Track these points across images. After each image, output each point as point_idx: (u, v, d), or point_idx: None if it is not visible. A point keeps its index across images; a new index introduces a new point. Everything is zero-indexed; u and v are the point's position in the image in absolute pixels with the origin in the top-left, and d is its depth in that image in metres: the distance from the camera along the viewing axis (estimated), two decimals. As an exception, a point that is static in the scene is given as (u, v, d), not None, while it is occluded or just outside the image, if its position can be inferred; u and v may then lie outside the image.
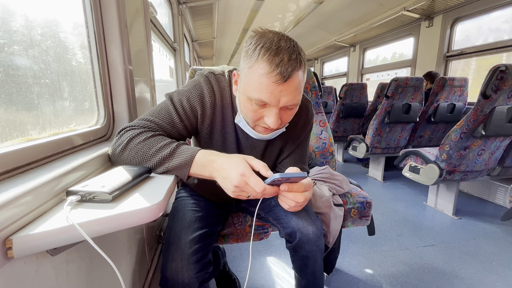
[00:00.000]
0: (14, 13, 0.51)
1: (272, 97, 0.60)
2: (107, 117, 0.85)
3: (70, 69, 0.70)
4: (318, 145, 1.44)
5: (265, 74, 0.58)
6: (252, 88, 0.61)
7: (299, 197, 0.61)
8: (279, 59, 0.57)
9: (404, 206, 2.32)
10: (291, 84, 0.59)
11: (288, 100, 0.61)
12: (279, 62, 0.57)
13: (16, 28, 0.51)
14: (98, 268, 0.63)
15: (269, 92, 0.59)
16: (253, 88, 0.61)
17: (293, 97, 0.62)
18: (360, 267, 1.48)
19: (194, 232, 0.76)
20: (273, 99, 0.60)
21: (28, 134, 0.53)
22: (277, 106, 0.62)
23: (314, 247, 0.82)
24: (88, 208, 0.44)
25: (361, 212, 1.13)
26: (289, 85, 0.59)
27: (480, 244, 1.72)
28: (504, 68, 1.52)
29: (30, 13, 0.56)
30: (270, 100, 0.60)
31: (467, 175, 1.98)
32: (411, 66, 3.80)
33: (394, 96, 2.54)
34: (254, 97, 0.61)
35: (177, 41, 2.89)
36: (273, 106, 0.62)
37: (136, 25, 1.02)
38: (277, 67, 0.57)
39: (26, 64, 0.53)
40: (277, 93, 0.59)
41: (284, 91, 0.60)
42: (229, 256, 1.56)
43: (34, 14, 0.57)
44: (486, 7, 2.75)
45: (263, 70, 0.58)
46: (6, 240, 0.35)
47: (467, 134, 1.74)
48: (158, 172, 0.62)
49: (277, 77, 0.57)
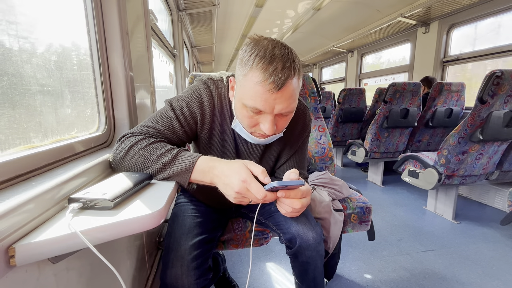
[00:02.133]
0: (19, 20, 0.52)
1: (266, 105, 0.61)
2: (108, 124, 0.86)
3: (72, 76, 0.71)
4: (317, 150, 1.44)
5: (259, 82, 0.59)
6: (247, 96, 0.62)
7: (296, 203, 0.61)
8: (272, 68, 0.58)
9: (403, 210, 2.32)
10: (285, 92, 0.60)
11: (283, 107, 0.62)
12: (272, 70, 0.58)
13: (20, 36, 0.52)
14: (98, 275, 0.62)
15: (264, 100, 0.60)
16: (248, 96, 0.62)
17: (288, 105, 0.62)
18: (360, 273, 1.47)
19: (194, 238, 0.76)
20: (268, 107, 0.61)
21: (31, 142, 0.53)
22: (271, 114, 0.63)
23: (314, 252, 0.82)
24: (89, 215, 0.44)
25: (361, 217, 1.13)
26: (283, 93, 0.60)
27: (480, 249, 1.72)
28: (500, 74, 1.54)
29: (34, 21, 0.57)
30: (264, 107, 0.61)
31: (466, 179, 1.98)
32: (409, 71, 3.84)
33: (392, 101, 2.56)
34: (249, 104, 0.62)
35: (177, 47, 2.91)
36: (268, 113, 0.63)
37: (137, 32, 1.03)
38: (270, 76, 0.58)
39: (29, 72, 0.54)
40: (271, 101, 0.60)
41: (278, 99, 0.60)
42: (229, 262, 1.55)
43: (38, 22, 0.58)
44: (481, 13, 2.80)
45: (257, 78, 0.59)
46: (8, 248, 0.35)
47: (465, 139, 1.75)
48: (159, 178, 0.62)
49: (271, 85, 0.58)
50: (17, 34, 0.51)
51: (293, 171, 0.62)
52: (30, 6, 0.56)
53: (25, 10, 0.54)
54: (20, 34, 0.52)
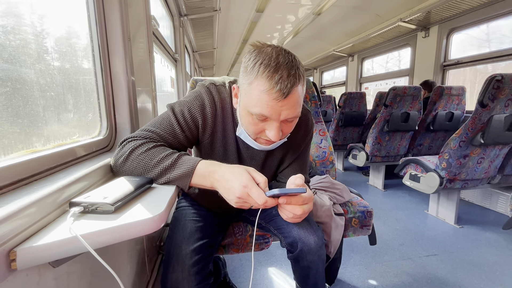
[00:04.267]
0: (23, 28, 0.53)
1: (272, 112, 0.61)
2: (109, 128, 0.86)
3: (75, 81, 0.72)
4: (318, 154, 1.45)
5: (265, 91, 0.59)
6: (253, 104, 0.62)
7: (297, 209, 0.61)
8: (278, 76, 0.58)
9: (405, 215, 2.31)
10: (291, 100, 0.61)
11: (289, 113, 0.62)
12: (278, 79, 0.58)
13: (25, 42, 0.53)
14: (99, 280, 0.62)
15: (270, 107, 0.60)
16: (253, 104, 0.62)
17: (294, 110, 0.63)
18: (362, 278, 1.46)
19: (195, 242, 0.76)
20: (274, 114, 0.61)
21: (33, 146, 0.54)
22: (278, 120, 0.63)
23: (316, 257, 0.82)
24: (90, 219, 0.44)
25: (362, 222, 1.13)
26: (289, 101, 0.61)
27: (483, 254, 1.70)
28: (500, 78, 1.54)
29: (38, 26, 0.57)
30: (271, 114, 0.62)
31: (468, 183, 1.98)
32: (409, 75, 3.85)
33: (393, 105, 2.56)
34: (256, 111, 0.62)
35: (178, 52, 2.94)
36: (274, 120, 0.63)
37: (138, 38, 1.04)
38: (276, 84, 0.58)
39: (33, 78, 0.55)
40: (278, 108, 0.61)
41: (285, 106, 0.61)
42: (230, 266, 1.54)
43: (42, 27, 0.59)
44: (481, 18, 2.82)
45: (263, 87, 0.59)
46: (10, 252, 0.36)
47: (466, 143, 1.75)
48: (159, 182, 0.62)
49: (277, 93, 0.59)
50: (22, 37, 0.52)
51: (298, 177, 0.62)
52: (33, 10, 0.57)
53: (30, 16, 0.55)
54: (24, 37, 0.53)
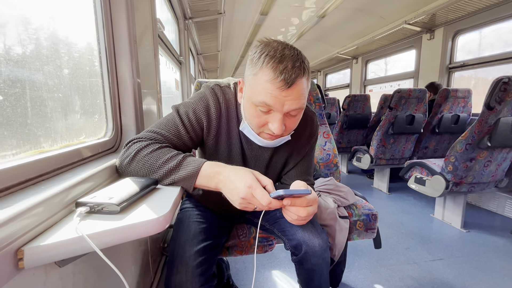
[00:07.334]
0: (34, 32, 0.54)
1: (276, 101, 0.61)
2: (115, 130, 0.87)
3: (82, 83, 0.73)
4: (322, 157, 1.44)
5: (269, 80, 0.60)
6: (257, 93, 0.63)
7: (302, 211, 0.61)
8: (283, 66, 0.59)
9: (410, 218, 2.28)
10: (295, 90, 0.61)
11: (292, 104, 0.62)
12: (283, 69, 0.59)
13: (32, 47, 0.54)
14: (103, 280, 0.63)
15: (274, 96, 0.61)
16: (257, 93, 0.63)
17: (297, 102, 0.63)
18: (367, 282, 1.44)
19: (199, 244, 0.76)
20: (277, 103, 0.62)
21: (41, 147, 0.55)
22: (281, 111, 0.63)
23: (320, 260, 0.81)
24: (96, 219, 0.44)
25: (366, 225, 1.12)
26: (293, 91, 0.61)
27: (490, 258, 1.67)
28: (507, 80, 1.53)
29: (46, 29, 0.58)
30: (274, 103, 0.62)
31: (474, 186, 1.95)
32: (414, 77, 3.82)
33: (397, 107, 2.54)
34: (259, 100, 0.62)
35: (183, 55, 2.96)
36: (277, 112, 0.63)
37: (144, 40, 1.06)
38: (281, 74, 0.59)
39: (41, 79, 0.56)
40: (281, 97, 0.61)
41: (288, 97, 0.61)
42: (233, 269, 1.53)
43: (49, 30, 0.60)
44: (486, 20, 2.79)
45: (268, 76, 0.60)
46: (17, 251, 0.36)
47: (473, 145, 1.73)
48: (164, 183, 0.62)
49: (281, 83, 0.59)
50: (29, 37, 0.53)
51: (301, 183, 0.62)
52: (42, 13, 0.58)
53: (38, 20, 0.56)
54: (32, 39, 0.54)
